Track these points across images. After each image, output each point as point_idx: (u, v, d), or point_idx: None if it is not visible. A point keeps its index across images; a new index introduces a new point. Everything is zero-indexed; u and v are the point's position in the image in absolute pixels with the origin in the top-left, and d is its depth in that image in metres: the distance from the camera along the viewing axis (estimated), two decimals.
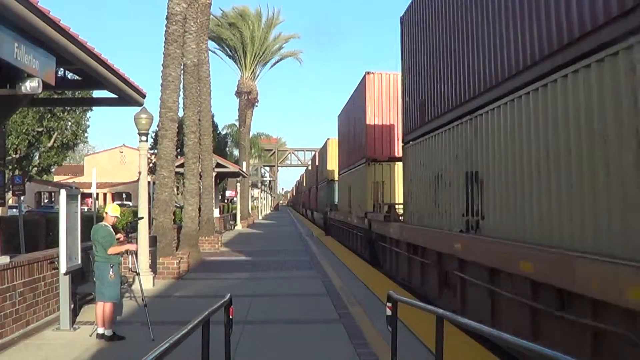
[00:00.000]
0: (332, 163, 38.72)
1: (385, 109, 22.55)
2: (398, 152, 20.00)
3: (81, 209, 9.83)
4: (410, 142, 16.08)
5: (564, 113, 7.36)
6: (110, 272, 8.42)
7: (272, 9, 61.87)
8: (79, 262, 9.40)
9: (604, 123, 6.50)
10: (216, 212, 30.19)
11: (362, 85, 23.83)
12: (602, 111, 6.54)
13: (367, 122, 22.66)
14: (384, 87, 22.62)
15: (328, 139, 41.26)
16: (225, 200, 50.12)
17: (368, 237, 21.38)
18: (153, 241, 14.21)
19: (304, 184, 76.87)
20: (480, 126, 10.44)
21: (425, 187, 14.20)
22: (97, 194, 30.51)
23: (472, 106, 10.86)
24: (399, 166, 19.88)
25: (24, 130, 28.70)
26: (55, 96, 20.88)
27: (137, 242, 12.53)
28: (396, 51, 18.11)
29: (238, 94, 51.90)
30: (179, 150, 22.73)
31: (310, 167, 68.60)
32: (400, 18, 17.52)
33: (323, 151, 45.05)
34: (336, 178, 35.97)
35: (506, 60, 9.23)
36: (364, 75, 23.26)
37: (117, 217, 8.96)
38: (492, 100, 9.83)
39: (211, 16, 28.98)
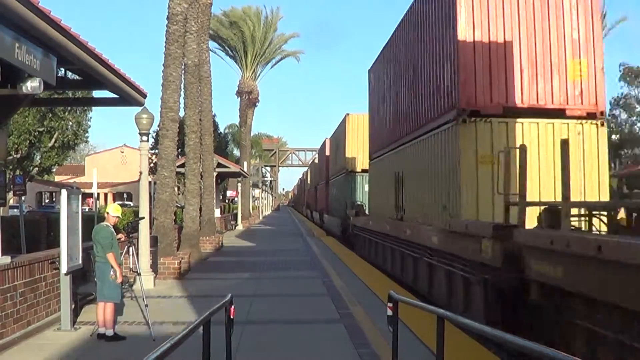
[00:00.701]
0: (354, 148, 29.90)
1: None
2: (525, 99, 11.89)
3: (82, 209, 9.84)
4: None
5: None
6: (111, 273, 8.43)
7: (272, 8, 61.84)
8: (80, 262, 9.41)
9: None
10: (217, 212, 30.21)
11: None
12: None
13: (460, 36, 11.97)
14: None
15: (347, 114, 30.64)
16: (226, 200, 50.16)
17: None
18: (154, 241, 14.21)
19: (308, 181, 67.23)
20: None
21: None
22: (98, 194, 30.56)
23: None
24: (525, 126, 11.93)
25: (25, 130, 28.71)
26: (56, 96, 20.89)
27: (137, 242, 12.54)
28: None
29: (239, 93, 51.94)
30: (179, 150, 22.74)
31: (317, 160, 56.93)
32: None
33: (338, 135, 34.10)
34: (359, 169, 28.90)
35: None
36: None
37: (118, 217, 8.99)
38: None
39: (212, 15, 28.97)
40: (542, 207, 9.39)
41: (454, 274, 11.40)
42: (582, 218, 9.59)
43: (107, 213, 8.98)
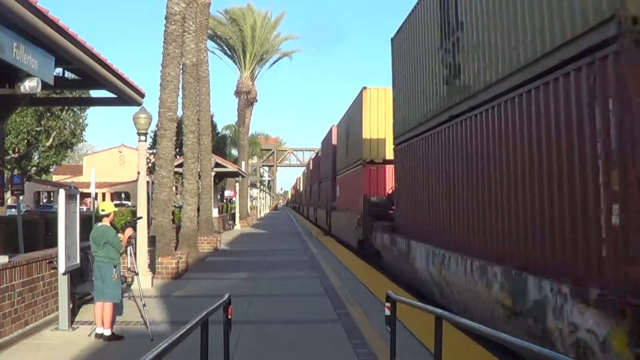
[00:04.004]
0: (373, 131, 23.35)
1: None
2: None
3: (80, 209, 9.82)
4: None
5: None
6: (114, 273, 8.44)
7: (269, 8, 61.91)
8: (78, 261, 9.39)
9: None
10: (215, 212, 30.18)
11: None
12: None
13: None
14: None
15: (364, 88, 23.90)
16: (224, 200, 50.12)
17: None
18: (152, 241, 14.21)
19: (309, 179, 60.44)
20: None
21: None
22: (96, 194, 30.49)
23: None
24: None
25: (23, 130, 28.69)
26: (55, 95, 20.89)
27: (135, 242, 12.52)
28: None
29: (237, 93, 51.92)
30: (178, 150, 22.77)
31: (320, 153, 47.69)
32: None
33: (352, 117, 27.06)
34: (381, 158, 23.06)
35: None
36: None
37: (114, 211, 9.07)
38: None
39: (211, 14, 28.95)
40: None
41: None
42: None
43: (103, 211, 8.87)
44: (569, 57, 7.15)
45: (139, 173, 13.76)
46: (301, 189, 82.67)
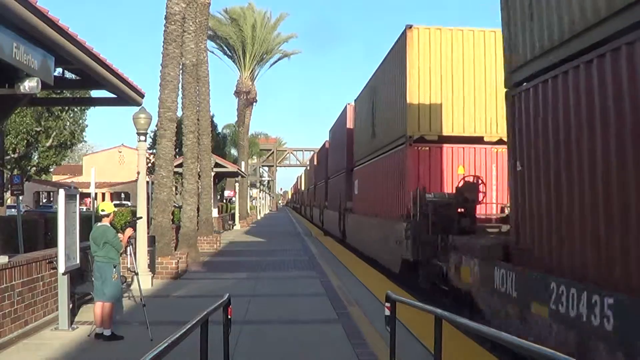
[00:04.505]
0: (425, 89, 15.51)
1: None
2: None
3: (80, 209, 9.82)
4: None
5: None
6: (114, 273, 8.45)
7: (270, 8, 61.85)
8: (78, 262, 9.39)
9: None
10: (215, 212, 30.19)
11: None
12: None
13: None
14: None
15: (408, 28, 15.64)
16: (224, 200, 50.11)
17: None
18: (152, 241, 14.21)
19: (314, 174, 51.88)
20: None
21: None
22: (96, 194, 30.49)
23: None
24: None
25: (22, 130, 28.66)
26: (54, 96, 20.88)
27: (135, 242, 12.53)
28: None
29: (237, 93, 51.93)
30: (177, 150, 22.73)
31: (327, 145, 39.18)
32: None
33: (387, 74, 18.61)
34: (446, 132, 15.40)
35: None
36: None
37: (114, 211, 9.08)
38: None
39: (211, 14, 28.95)
40: None
41: None
42: None
43: (102, 211, 8.88)
44: None
45: (138, 173, 13.77)
46: (303, 188, 74.84)
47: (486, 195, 13.56)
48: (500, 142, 14.48)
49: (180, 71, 17.63)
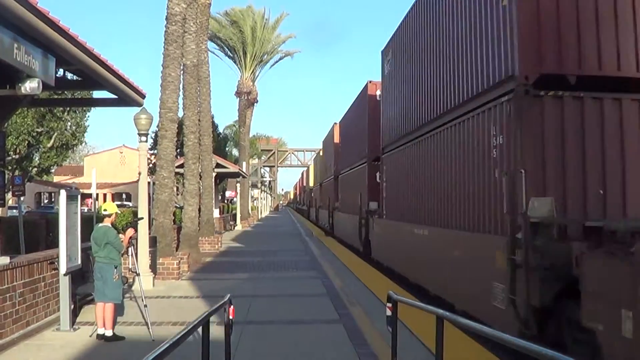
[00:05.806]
0: None
1: None
2: None
3: (81, 210, 9.83)
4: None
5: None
6: (115, 273, 8.45)
7: (270, 8, 62.04)
8: (79, 262, 9.40)
9: None
10: (216, 213, 30.18)
11: None
12: None
13: None
14: None
15: None
16: (225, 201, 50.10)
17: None
18: (153, 242, 14.20)
19: (317, 174, 47.30)
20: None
21: None
22: (97, 195, 30.52)
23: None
24: None
25: (23, 131, 28.68)
26: (55, 96, 20.87)
27: (136, 242, 12.53)
28: None
29: (238, 94, 51.92)
30: (178, 150, 22.76)
31: (340, 124, 32.73)
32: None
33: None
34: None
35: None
36: None
37: (116, 212, 9.08)
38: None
39: (211, 16, 28.95)
40: None
41: None
42: None
43: (105, 211, 8.91)
44: None
45: (139, 174, 13.76)
46: (311, 184, 60.86)
47: None
48: None
49: (181, 72, 17.63)
